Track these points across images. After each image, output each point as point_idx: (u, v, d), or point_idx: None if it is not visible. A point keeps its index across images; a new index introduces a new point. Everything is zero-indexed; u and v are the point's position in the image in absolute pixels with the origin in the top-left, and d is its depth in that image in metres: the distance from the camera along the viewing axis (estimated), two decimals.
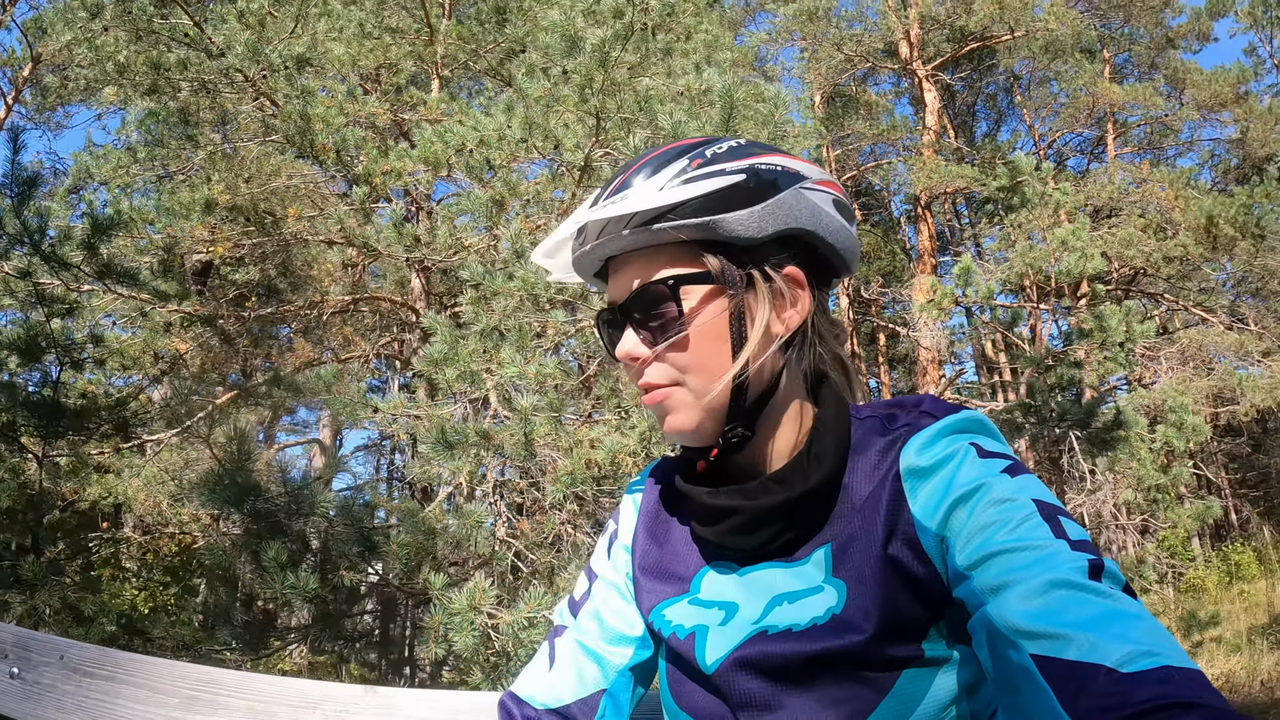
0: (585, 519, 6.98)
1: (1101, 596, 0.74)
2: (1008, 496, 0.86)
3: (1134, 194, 17.82)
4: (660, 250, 1.01)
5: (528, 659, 4.05)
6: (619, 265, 1.05)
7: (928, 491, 0.92)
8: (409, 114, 9.80)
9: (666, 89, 6.04)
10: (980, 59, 23.11)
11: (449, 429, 4.83)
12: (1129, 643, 0.69)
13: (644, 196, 0.97)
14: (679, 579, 1.10)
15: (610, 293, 1.07)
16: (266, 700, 1.79)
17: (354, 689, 1.84)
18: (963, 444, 0.94)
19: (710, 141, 1.04)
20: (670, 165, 1.01)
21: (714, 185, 0.97)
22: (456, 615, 3.90)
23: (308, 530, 4.61)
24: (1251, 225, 14.51)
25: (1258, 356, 15.72)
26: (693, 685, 1.04)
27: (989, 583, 0.81)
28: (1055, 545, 0.79)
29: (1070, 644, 0.71)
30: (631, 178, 1.01)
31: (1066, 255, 9.90)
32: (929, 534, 0.90)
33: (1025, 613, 0.75)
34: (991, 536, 0.83)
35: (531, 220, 6.82)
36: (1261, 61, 22.00)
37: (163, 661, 1.77)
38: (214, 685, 1.76)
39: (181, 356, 6.78)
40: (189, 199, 7.29)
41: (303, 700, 1.81)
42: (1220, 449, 21.51)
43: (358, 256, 9.69)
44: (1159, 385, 16.15)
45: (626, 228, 0.98)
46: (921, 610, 0.91)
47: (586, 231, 1.04)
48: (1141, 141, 23.66)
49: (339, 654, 6.59)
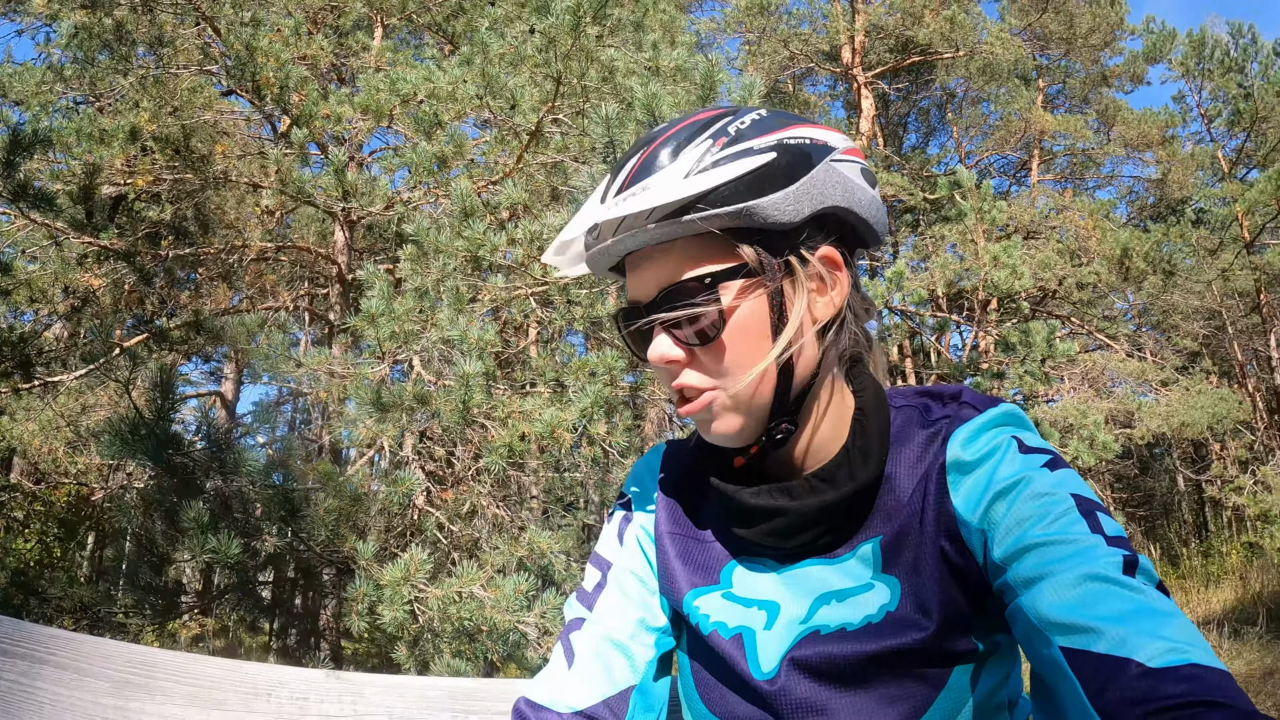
0: (499, 490, 6.81)
1: (1134, 592, 0.74)
2: (1047, 491, 0.85)
3: (1054, 219, 18.38)
4: (690, 242, 0.91)
5: (454, 635, 3.86)
6: (642, 260, 0.95)
7: (969, 485, 0.91)
8: (350, 60, 9.40)
9: (634, 62, 5.86)
10: (919, 73, 23.53)
11: (384, 390, 4.59)
12: (1159, 639, 0.68)
13: (669, 186, 0.88)
14: (706, 569, 1.05)
15: (633, 290, 0.97)
16: (211, 685, 1.59)
17: (313, 673, 1.66)
18: (1005, 437, 0.92)
19: (731, 114, 0.94)
20: (693, 146, 0.91)
21: (745, 167, 0.87)
22: (386, 587, 3.67)
23: (227, 488, 4.29)
24: (1163, 262, 15.10)
25: (1156, 385, 16.36)
26: (727, 690, 0.98)
27: (1024, 575, 0.80)
28: (1091, 540, 0.79)
29: (1101, 637, 0.70)
30: (651, 162, 0.91)
31: (997, 271, 10.07)
32: (969, 527, 0.89)
33: (1057, 605, 0.75)
34: (1029, 530, 0.82)
35: (477, 181, 6.58)
36: (1189, 110, 23.13)
37: (90, 639, 1.54)
38: (150, 667, 1.55)
39: (94, 293, 6.31)
40: (113, 125, 6.80)
41: (253, 686, 1.62)
42: (1108, 469, 22.38)
43: (279, 204, 9.25)
44: (1060, 404, 16.71)
45: (651, 221, 0.89)
46: (967, 603, 0.90)
47: (601, 228, 0.93)
48: (1064, 170, 24.45)
49: (246, 622, 6.27)
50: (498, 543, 4.80)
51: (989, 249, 10.29)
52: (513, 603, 3.87)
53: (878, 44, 21.17)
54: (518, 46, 5.87)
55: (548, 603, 4.17)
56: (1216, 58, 21.99)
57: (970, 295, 12.40)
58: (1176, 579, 15.22)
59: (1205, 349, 23.09)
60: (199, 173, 7.53)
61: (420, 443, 6.22)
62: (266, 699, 1.58)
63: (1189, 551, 17.62)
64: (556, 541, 4.78)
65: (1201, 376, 19.03)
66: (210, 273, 8.65)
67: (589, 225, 0.94)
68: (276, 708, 1.58)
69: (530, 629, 4.10)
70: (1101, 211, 18.23)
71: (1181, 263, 17.22)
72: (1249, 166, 22.45)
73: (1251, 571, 13.63)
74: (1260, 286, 20.41)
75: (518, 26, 6.32)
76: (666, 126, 0.95)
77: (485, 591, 3.91)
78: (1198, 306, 20.89)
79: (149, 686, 1.52)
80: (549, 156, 6.65)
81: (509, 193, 5.35)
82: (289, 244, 9.38)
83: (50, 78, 8.54)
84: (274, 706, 1.58)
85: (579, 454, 6.48)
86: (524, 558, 4.58)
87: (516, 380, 6.01)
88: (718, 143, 0.90)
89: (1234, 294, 21.59)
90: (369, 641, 5.07)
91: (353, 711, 1.61)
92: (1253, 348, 23.20)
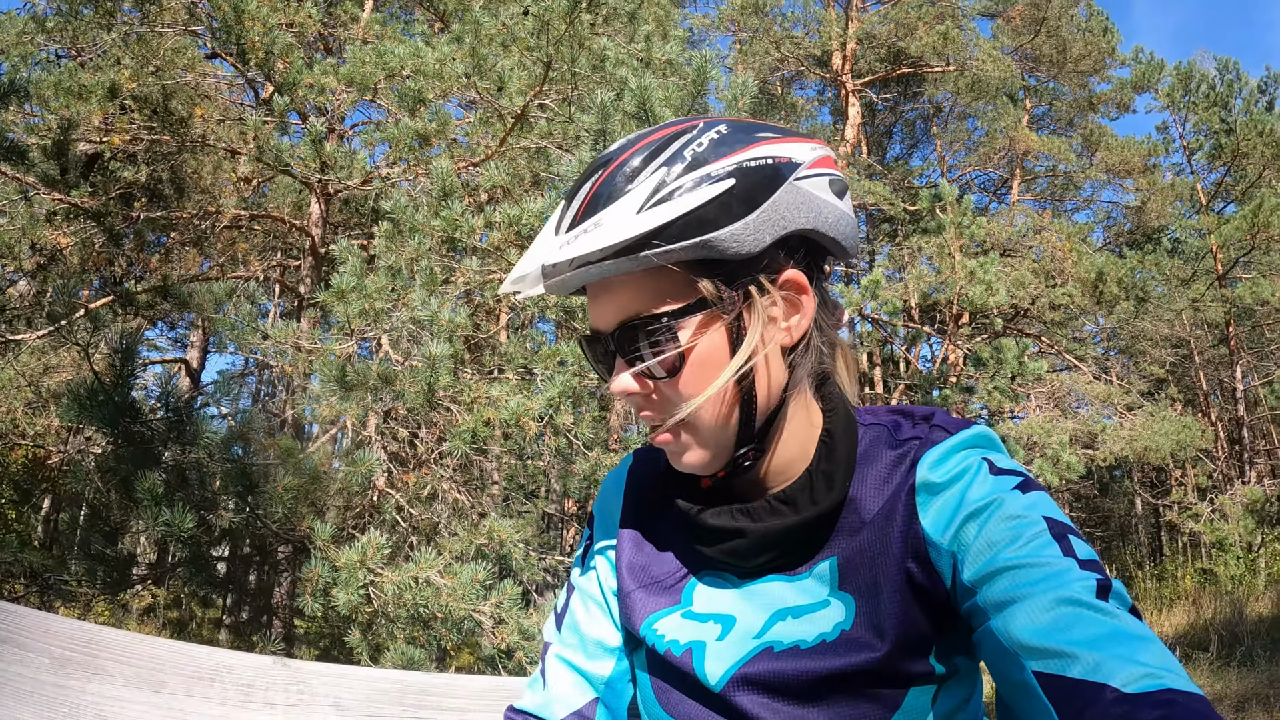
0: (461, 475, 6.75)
1: (1108, 616, 0.73)
2: (1019, 513, 0.84)
3: (1032, 239, 18.53)
4: (646, 275, 0.88)
5: (408, 621, 3.81)
6: (600, 290, 0.92)
7: (939, 507, 0.89)
8: (338, 30, 9.27)
9: (626, 52, 5.81)
10: (908, 84, 23.63)
11: (349, 368, 4.51)
12: (1134, 664, 0.68)
13: (621, 223, 0.84)
14: (669, 588, 1.04)
15: (593, 318, 0.95)
16: (155, 667, 1.55)
17: (260, 660, 1.62)
18: (976, 459, 0.91)
19: (686, 133, 0.89)
20: (647, 174, 0.86)
21: (701, 198, 0.83)
22: (342, 569, 3.61)
23: (185, 459, 4.20)
24: (1136, 288, 15.26)
25: (1120, 409, 16.55)
26: (685, 698, 0.99)
27: (995, 598, 0.79)
28: (1064, 563, 0.78)
29: (1075, 662, 0.70)
30: (604, 193, 0.87)
31: (973, 286, 10.11)
32: (939, 549, 0.88)
33: (1030, 629, 0.74)
34: (1000, 552, 0.81)
35: (458, 160, 6.51)
36: (1171, 140, 23.46)
37: (34, 613, 1.49)
38: (94, 645, 1.51)
39: (61, 251, 6.15)
40: (92, 81, 6.65)
41: (197, 670, 1.58)
42: (1069, 488, 22.65)
43: (255, 172, 9.10)
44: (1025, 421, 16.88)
45: (608, 258, 0.85)
46: (930, 625, 0.89)
47: (556, 267, 0.89)
48: (1045, 191, 24.68)
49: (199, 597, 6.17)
50: (457, 529, 4.75)
51: (966, 264, 10.34)
52: (469, 591, 3.83)
53: (869, 52, 21.23)
54: (510, 27, 5.79)
55: (504, 592, 4.13)
56: (1202, 91, 22.29)
57: (944, 308, 12.47)
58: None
59: (1172, 376, 23.45)
60: (176, 134, 7.38)
61: (384, 423, 6.15)
62: (210, 684, 1.54)
63: (1143, 574, 17.84)
64: (516, 530, 4.74)
65: (1166, 403, 19.31)
66: (182, 238, 8.50)
67: (542, 261, 0.90)
68: (220, 693, 1.54)
69: (485, 618, 4.06)
70: (1079, 234, 18.42)
71: (1154, 290, 17.42)
72: (1227, 200, 22.80)
73: (1204, 597, 13.82)
74: (1229, 318, 20.73)
75: (511, 8, 6.26)
76: (621, 148, 0.91)
77: (442, 578, 3.86)
78: (1167, 334, 21.21)
79: (91, 665, 1.48)
80: (533, 141, 6.60)
81: (489, 174, 5.28)
82: (263, 213, 9.24)
83: (32, 28, 8.35)
84: (217, 692, 1.54)
85: (543, 443, 6.45)
86: (483, 545, 4.53)
87: (485, 365, 5.94)
88: (673, 170, 0.86)
89: (1203, 324, 21.94)
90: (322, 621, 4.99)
91: (299, 701, 1.57)
92: (1218, 378, 23.61)
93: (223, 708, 1.54)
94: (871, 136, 26.06)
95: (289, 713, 1.57)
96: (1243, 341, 21.59)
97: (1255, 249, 19.68)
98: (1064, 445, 9.43)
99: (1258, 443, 22.79)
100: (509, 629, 4.06)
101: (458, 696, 1.67)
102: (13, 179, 6.06)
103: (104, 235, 6.27)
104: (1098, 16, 21.05)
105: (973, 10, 20.73)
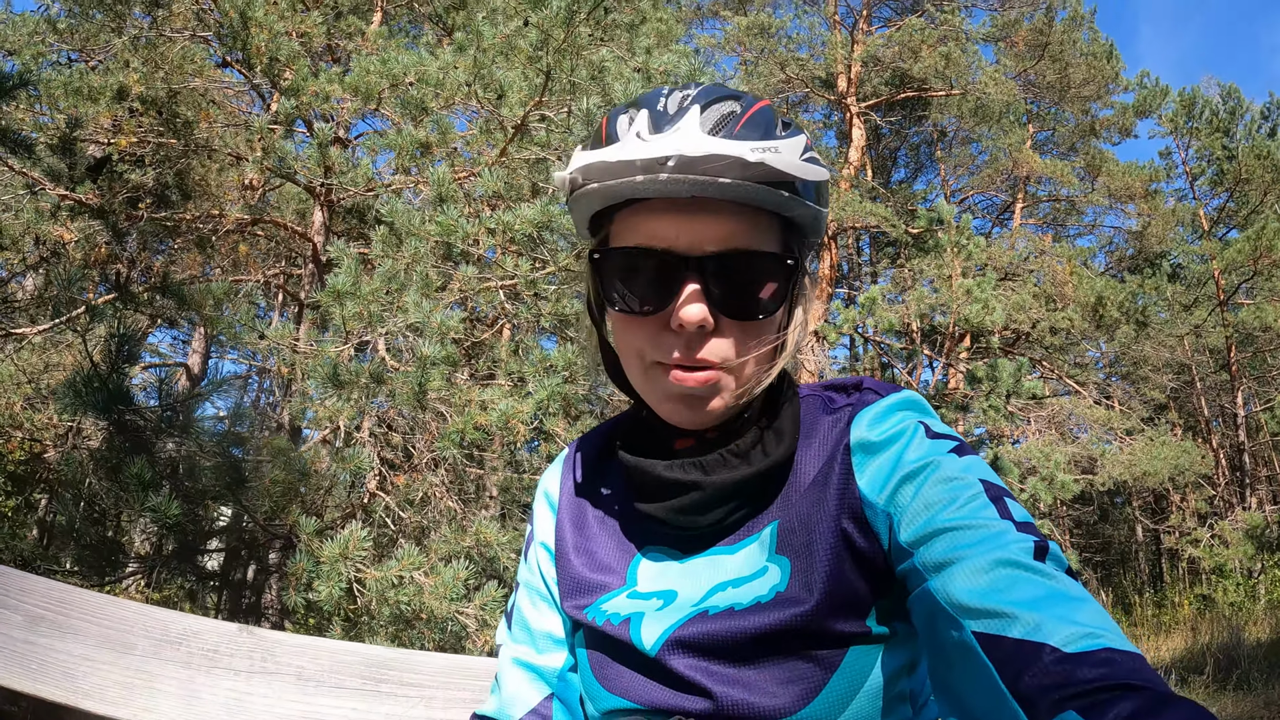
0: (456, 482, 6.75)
1: (1046, 578, 0.74)
2: (955, 475, 0.85)
3: (1033, 263, 18.54)
4: (763, 217, 0.91)
5: (391, 620, 3.82)
6: (707, 209, 0.88)
7: (875, 467, 0.91)
8: (345, 41, 9.36)
9: (624, 63, 5.87)
10: (913, 107, 23.70)
11: (341, 367, 4.55)
12: (1073, 624, 0.68)
13: (791, 159, 0.87)
14: (612, 570, 1.04)
15: (670, 235, 0.90)
16: (124, 629, 1.58)
17: (226, 626, 1.65)
18: (912, 421, 0.93)
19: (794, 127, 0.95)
20: (794, 133, 0.91)
21: (823, 175, 0.91)
22: (324, 563, 3.64)
23: (178, 453, 4.23)
24: (1137, 313, 15.27)
25: (1121, 434, 16.51)
26: (623, 668, 0.98)
27: (933, 559, 0.80)
28: (1001, 525, 0.79)
29: (1015, 623, 0.70)
30: (761, 124, 0.88)
31: (970, 305, 10.13)
32: (875, 509, 0.89)
33: (970, 590, 0.75)
34: (938, 514, 0.82)
35: (458, 169, 6.57)
36: (1174, 166, 23.52)
37: (9, 571, 1.53)
38: (66, 605, 1.54)
39: (65, 246, 6.20)
40: (101, 83, 6.73)
41: (165, 633, 1.61)
42: (1068, 513, 22.58)
43: (260, 179, 9.18)
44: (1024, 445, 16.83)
45: (766, 180, 0.85)
46: (867, 586, 0.89)
47: (697, 161, 0.84)
48: (1047, 216, 24.69)
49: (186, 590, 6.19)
50: (446, 532, 4.77)
51: (963, 283, 10.37)
52: (451, 590, 3.84)
53: (873, 75, 21.33)
54: (510, 37, 5.86)
55: (489, 594, 4.14)
56: (1205, 117, 22.37)
57: (943, 330, 12.48)
58: (1129, 626, 15.34)
59: (1173, 402, 23.40)
60: (182, 138, 7.46)
61: (379, 427, 6.18)
62: (176, 647, 1.57)
63: (1142, 600, 17.75)
64: (507, 537, 4.76)
65: (1167, 428, 19.29)
66: (185, 241, 8.57)
67: (671, 151, 0.85)
68: (186, 656, 1.57)
69: (470, 620, 4.08)
70: (1080, 258, 18.48)
71: (1155, 315, 17.42)
72: (1229, 226, 22.84)
73: (1203, 623, 13.75)
74: (1231, 344, 20.72)
75: (515, 22, 6.33)
76: (735, 93, 0.92)
77: (427, 578, 3.88)
78: (1168, 359, 21.17)
79: (62, 624, 1.51)
80: (533, 152, 6.66)
81: (485, 181, 5.33)
82: (266, 219, 9.31)
83: (44, 28, 8.45)
84: (183, 655, 1.57)
85: (538, 453, 6.46)
86: (470, 548, 4.55)
87: (478, 370, 5.98)
88: (803, 142, 0.91)
89: (1205, 350, 21.91)
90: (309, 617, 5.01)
91: (262, 669, 1.60)
92: (1219, 404, 23.54)
93: (188, 671, 1.56)
94: (876, 160, 26.12)
95: (251, 679, 1.59)
96: (1244, 367, 21.56)
97: (1257, 274, 19.70)
98: (1058, 466, 9.43)
99: (1259, 469, 22.72)
100: (494, 632, 4.07)
101: (419, 673, 1.68)
102: (19, 174, 6.12)
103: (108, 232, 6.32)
104: (1101, 42, 21.12)
105: (976, 34, 20.81)
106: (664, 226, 0.90)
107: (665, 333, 0.91)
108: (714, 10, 22.79)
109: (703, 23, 23.76)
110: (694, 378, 0.91)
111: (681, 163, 0.84)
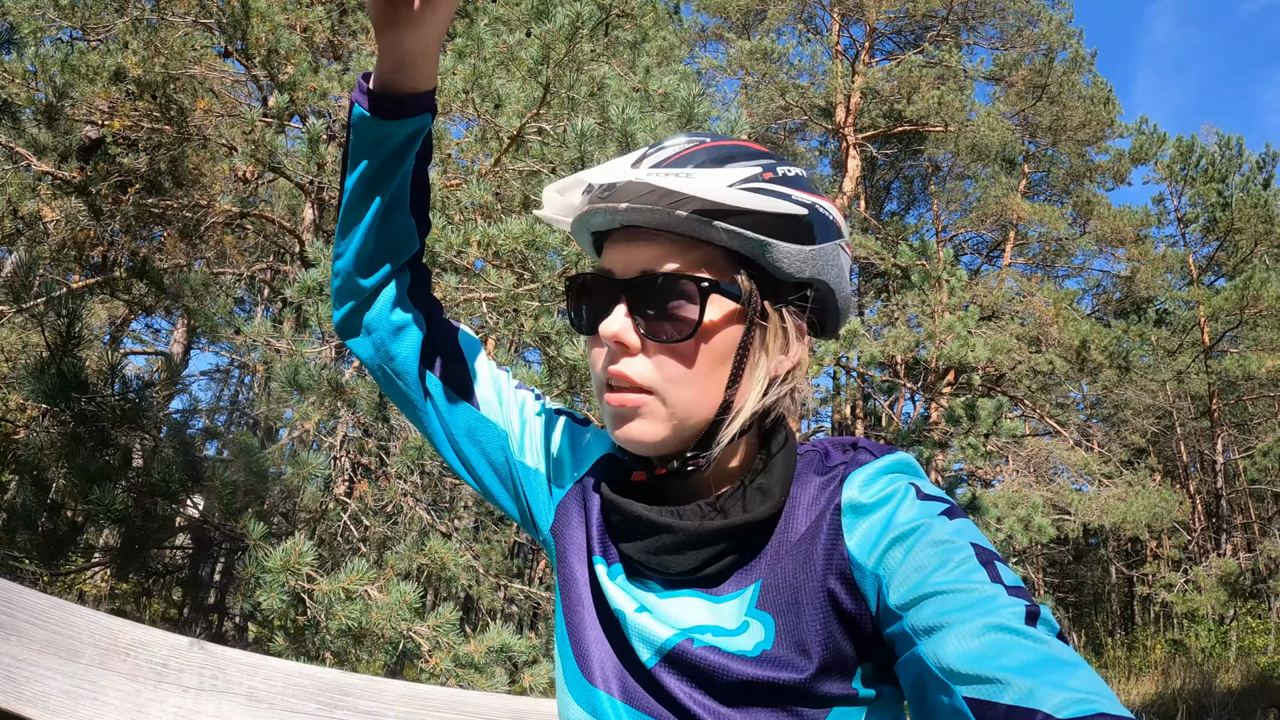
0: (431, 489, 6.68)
1: (1038, 643, 0.73)
2: (946, 538, 0.84)
3: (1019, 303, 18.62)
4: (695, 245, 0.93)
5: (339, 634, 3.72)
6: (638, 237, 0.95)
7: (865, 528, 0.90)
8: (348, 39, 9.31)
9: (623, 81, 5.84)
10: (909, 142, 23.83)
11: (303, 370, 4.47)
12: (1066, 689, 0.67)
13: (712, 186, 0.89)
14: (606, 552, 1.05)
15: (613, 261, 0.97)
16: (70, 634, 1.53)
17: (177, 639, 1.60)
18: (903, 483, 0.92)
19: (778, 160, 0.98)
20: (741, 165, 0.94)
21: (780, 208, 0.91)
22: (268, 573, 3.56)
23: (134, 445, 4.14)
24: (1120, 357, 15.36)
25: (1099, 477, 16.57)
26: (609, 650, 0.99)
27: (923, 623, 0.79)
28: (992, 589, 0.78)
29: (1007, 689, 0.69)
30: (698, 156, 0.94)
31: (951, 341, 10.16)
32: (863, 570, 0.88)
33: (961, 655, 0.74)
34: (928, 577, 0.81)
35: (448, 178, 6.52)
36: (1166, 213, 23.73)
37: None
38: (11, 605, 1.49)
39: (44, 222, 6.08)
40: (99, 63, 6.65)
41: (114, 642, 1.56)
42: (1043, 553, 22.64)
43: (251, 172, 9.10)
44: (1000, 486, 16.90)
45: (680, 208, 0.89)
46: (853, 648, 0.89)
47: (619, 190, 0.93)
48: (1037, 256, 24.83)
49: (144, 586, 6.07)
50: (399, 547, 4.69)
51: (945, 319, 10.41)
52: (397, 614, 3.77)
53: (872, 106, 21.44)
54: (512, 48, 5.83)
55: (442, 615, 4.07)
56: (1201, 165, 22.56)
57: (926, 365, 12.50)
58: (1099, 668, 15.35)
59: (1152, 446, 23.51)
60: (176, 125, 7.38)
61: (354, 431, 6.10)
62: (124, 658, 1.52)
63: (1114, 642, 17.81)
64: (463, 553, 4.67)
65: (1145, 473, 19.36)
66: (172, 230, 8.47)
67: (611, 180, 0.94)
68: (133, 669, 1.52)
69: (423, 640, 3.99)
70: (1066, 300, 18.57)
71: (1139, 360, 17.49)
72: (1218, 274, 23.04)
73: (1174, 668, 13.81)
74: (1214, 391, 20.87)
75: (517, 33, 6.30)
76: (719, 136, 0.98)
77: (381, 594, 3.80)
78: (1150, 404, 21.30)
79: (7, 625, 1.46)
80: (527, 165, 6.62)
81: (473, 191, 5.28)
82: (255, 212, 9.24)
83: (46, 2, 8.35)
84: (130, 667, 1.52)
85: None
86: (424, 565, 4.47)
87: None
88: (763, 174, 0.93)
89: (1187, 396, 22.05)
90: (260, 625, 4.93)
91: (212, 686, 1.55)
92: (1199, 450, 23.67)
93: (134, 684, 1.52)
94: (869, 191, 26.27)
95: (200, 697, 1.54)
96: (1225, 414, 21.71)
97: (1244, 323, 19.86)
98: (1036, 508, 9.46)
99: (1234, 516, 22.87)
100: (444, 654, 3.99)
101: (376, 699, 1.64)
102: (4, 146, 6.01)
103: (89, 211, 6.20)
104: (1100, 86, 21.31)
105: (976, 73, 20.96)
106: (612, 254, 0.97)
107: (603, 351, 0.96)
108: (718, 33, 22.95)
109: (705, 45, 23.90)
110: (618, 398, 0.94)
111: (609, 192, 0.93)
